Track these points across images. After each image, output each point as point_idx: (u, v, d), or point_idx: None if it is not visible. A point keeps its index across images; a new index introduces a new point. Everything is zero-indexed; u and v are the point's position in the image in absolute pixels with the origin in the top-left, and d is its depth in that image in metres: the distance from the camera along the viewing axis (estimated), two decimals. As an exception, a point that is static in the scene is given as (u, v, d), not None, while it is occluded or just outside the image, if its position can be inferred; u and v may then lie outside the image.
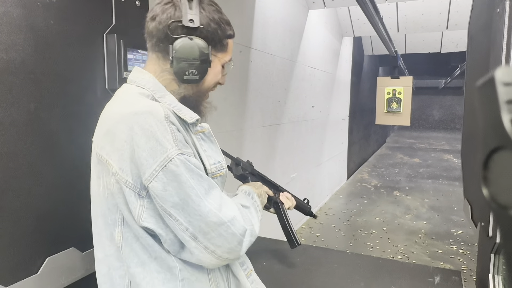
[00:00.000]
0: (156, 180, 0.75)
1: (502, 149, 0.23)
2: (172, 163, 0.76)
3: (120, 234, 0.84)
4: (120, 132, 0.79)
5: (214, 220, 0.79)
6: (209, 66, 0.89)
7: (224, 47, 0.93)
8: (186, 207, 0.77)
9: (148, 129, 0.77)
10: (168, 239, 0.82)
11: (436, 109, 17.65)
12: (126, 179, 0.78)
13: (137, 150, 0.76)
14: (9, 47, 1.02)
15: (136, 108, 0.80)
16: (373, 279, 1.25)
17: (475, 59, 1.57)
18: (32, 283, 1.10)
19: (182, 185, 0.76)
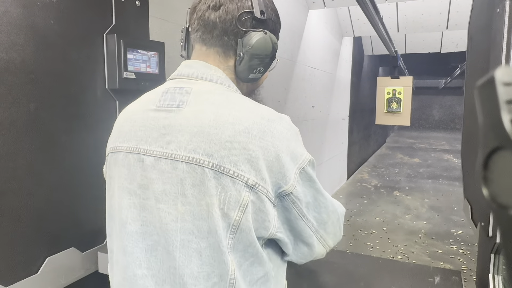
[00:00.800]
0: (298, 184, 0.71)
1: (502, 149, 0.23)
2: (308, 165, 0.73)
3: (233, 263, 0.68)
4: (258, 139, 0.67)
5: (331, 209, 0.79)
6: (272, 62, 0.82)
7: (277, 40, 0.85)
8: (315, 203, 0.75)
9: (287, 133, 0.71)
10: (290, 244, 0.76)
11: (436, 109, 17.65)
12: (267, 190, 0.68)
13: (281, 156, 0.68)
14: (9, 47, 1.02)
15: (265, 114, 0.71)
16: (373, 279, 1.25)
17: (475, 59, 1.57)
18: (32, 283, 1.10)
19: (313, 184, 0.74)
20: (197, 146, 0.67)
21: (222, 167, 0.66)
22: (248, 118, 0.68)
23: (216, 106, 0.70)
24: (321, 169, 5.26)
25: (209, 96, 0.72)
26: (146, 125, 0.73)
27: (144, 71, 1.41)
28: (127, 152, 0.74)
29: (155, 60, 1.46)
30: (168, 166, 0.69)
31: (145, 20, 1.50)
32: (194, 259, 0.68)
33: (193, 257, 0.68)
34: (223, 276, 0.68)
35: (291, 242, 0.76)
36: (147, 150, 0.71)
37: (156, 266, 0.71)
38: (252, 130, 0.67)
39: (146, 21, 1.50)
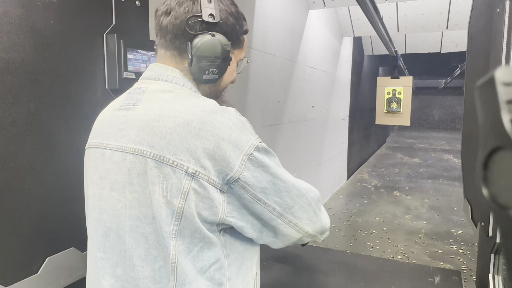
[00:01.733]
0: (245, 170, 0.73)
1: (502, 149, 0.23)
2: (256, 150, 0.75)
3: (175, 248, 0.73)
4: (197, 129, 0.71)
5: (296, 193, 0.80)
6: (228, 64, 0.84)
7: (240, 43, 0.88)
8: (274, 188, 0.77)
9: (228, 122, 0.74)
10: (250, 228, 0.79)
11: (436, 109, 17.66)
12: (209, 177, 0.71)
13: (222, 144, 0.71)
14: (9, 47, 1.02)
15: (207, 107, 0.75)
16: (373, 279, 1.25)
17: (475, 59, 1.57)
18: (32, 283, 1.10)
19: (268, 168, 0.76)
20: (142, 139, 0.74)
21: (162, 157, 0.72)
22: (189, 111, 0.74)
23: (163, 102, 0.77)
24: (321, 169, 5.26)
25: (159, 94, 0.79)
26: (110, 123, 0.82)
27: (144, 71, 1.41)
28: (95, 147, 0.84)
29: (155, 60, 1.46)
30: (119, 157, 0.77)
31: (145, 20, 1.50)
32: (141, 243, 0.75)
33: (141, 241, 0.75)
34: (167, 260, 0.74)
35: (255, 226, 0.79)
36: (107, 144, 0.80)
37: (110, 250, 0.80)
38: (192, 122, 0.72)
39: (146, 21, 1.50)
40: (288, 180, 0.80)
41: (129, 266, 0.77)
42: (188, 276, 0.74)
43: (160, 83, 0.82)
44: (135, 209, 0.75)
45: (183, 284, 0.74)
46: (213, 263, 0.77)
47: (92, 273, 0.86)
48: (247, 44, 0.94)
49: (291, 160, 4.07)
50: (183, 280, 0.74)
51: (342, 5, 4.46)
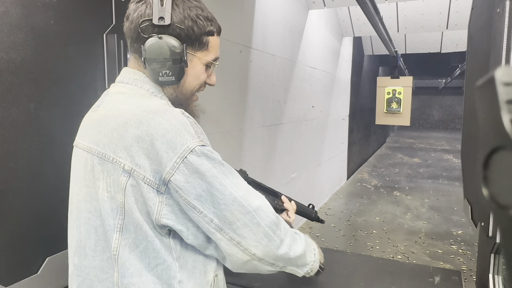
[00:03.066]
0: (178, 173, 0.72)
1: (502, 149, 0.23)
2: (193, 154, 0.72)
3: (118, 241, 0.77)
4: (134, 128, 0.74)
5: (238, 208, 0.76)
6: (185, 66, 0.83)
7: (203, 45, 0.86)
8: (210, 198, 0.74)
9: (167, 122, 0.73)
10: (191, 234, 0.77)
11: (436, 109, 17.65)
12: (144, 175, 0.73)
13: (155, 144, 0.72)
14: (9, 47, 1.02)
15: (149, 107, 0.77)
16: (373, 279, 1.25)
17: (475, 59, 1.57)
18: (32, 283, 1.10)
19: (204, 175, 0.73)
20: (92, 137, 0.81)
21: (104, 154, 0.77)
22: (130, 111, 0.77)
23: (113, 103, 0.82)
24: (321, 169, 5.26)
25: (116, 96, 0.85)
26: (84, 123, 0.89)
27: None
28: (75, 145, 0.89)
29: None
30: (79, 155, 0.84)
31: (145, 20, 1.49)
32: (92, 235, 0.80)
33: (91, 233, 0.80)
34: (111, 252, 0.78)
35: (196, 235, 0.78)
36: (78, 143, 0.87)
37: (74, 239, 0.85)
38: (130, 121, 0.75)
39: (146, 21, 1.50)
40: (229, 193, 0.75)
41: (83, 255, 0.82)
42: (130, 269, 0.77)
43: (121, 86, 0.87)
44: (88, 203, 0.80)
45: (124, 277, 0.77)
46: (160, 264, 0.78)
47: None
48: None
49: (291, 160, 4.07)
50: (124, 273, 0.77)
51: (342, 5, 4.46)
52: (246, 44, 2.88)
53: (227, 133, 2.67)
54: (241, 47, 2.81)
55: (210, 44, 0.87)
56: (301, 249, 0.88)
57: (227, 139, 2.66)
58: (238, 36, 2.75)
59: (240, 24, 2.78)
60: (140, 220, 0.75)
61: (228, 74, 2.63)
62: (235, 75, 2.75)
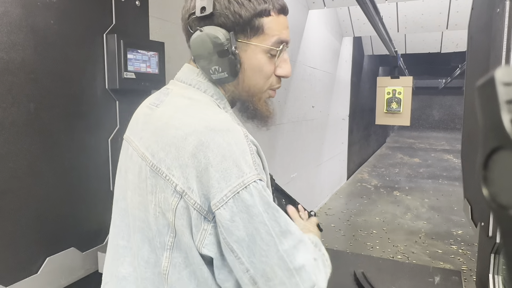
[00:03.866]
0: (225, 208, 0.63)
1: (502, 149, 0.23)
2: (247, 191, 0.63)
3: (168, 260, 0.70)
4: (192, 147, 0.65)
5: (279, 264, 0.65)
6: (234, 58, 0.72)
7: (257, 29, 0.73)
8: (253, 245, 0.64)
9: (226, 147, 0.64)
10: (224, 273, 0.69)
11: (436, 109, 17.65)
12: (195, 200, 0.65)
13: (210, 170, 0.64)
14: (9, 47, 1.02)
15: (212, 123, 0.67)
16: (373, 279, 1.25)
17: (475, 59, 1.57)
18: (32, 283, 1.10)
19: (253, 218, 0.64)
20: (149, 145, 0.72)
21: (158, 168, 0.69)
22: (191, 125, 0.68)
23: (175, 110, 0.72)
24: (321, 169, 5.26)
25: (178, 99, 0.75)
26: (138, 119, 0.80)
27: (144, 71, 1.41)
28: (125, 140, 0.83)
29: (155, 60, 1.46)
30: (135, 158, 0.76)
31: (145, 20, 1.50)
32: (145, 245, 0.73)
33: (145, 243, 0.73)
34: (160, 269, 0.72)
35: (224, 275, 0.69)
36: (131, 141, 0.79)
37: (131, 241, 0.78)
38: (189, 137, 0.66)
39: (146, 21, 1.50)
40: (274, 244, 0.64)
41: (137, 265, 0.76)
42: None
43: (184, 87, 0.78)
44: (142, 212, 0.73)
45: None
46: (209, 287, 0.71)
47: (111, 258, 0.83)
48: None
49: (291, 160, 4.07)
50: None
51: (342, 5, 4.46)
52: (246, 44, 2.88)
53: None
54: (241, 47, 2.81)
55: (266, 26, 0.73)
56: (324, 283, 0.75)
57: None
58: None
59: (240, 24, 2.78)
60: (190, 243, 0.68)
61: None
62: (235, 75, 2.75)
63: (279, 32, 0.74)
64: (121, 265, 0.80)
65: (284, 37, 0.75)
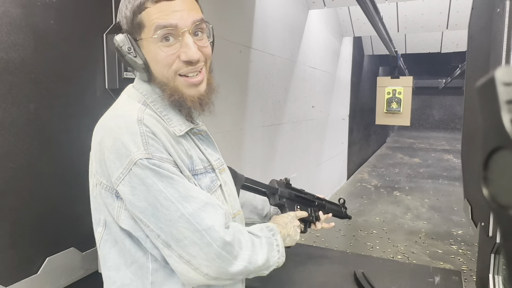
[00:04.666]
0: (123, 184, 0.71)
1: (502, 149, 0.23)
2: (137, 166, 0.70)
3: (100, 235, 0.82)
4: (96, 134, 0.77)
5: (186, 226, 0.71)
6: (134, 56, 0.77)
7: (139, 25, 0.76)
8: (156, 212, 0.71)
9: (117, 131, 0.72)
10: (148, 243, 0.76)
11: (436, 109, 17.66)
12: (101, 181, 0.76)
13: (105, 152, 0.73)
14: (9, 47, 1.02)
15: (116, 111, 0.79)
16: (373, 279, 1.25)
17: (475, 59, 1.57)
18: (32, 283, 1.10)
19: (149, 188, 0.71)
20: None
21: (90, 155, 0.81)
22: (103, 117, 0.80)
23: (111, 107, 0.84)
24: (321, 169, 5.26)
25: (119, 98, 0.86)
26: None
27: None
28: None
29: (155, 60, 1.45)
30: None
31: (145, 20, 1.49)
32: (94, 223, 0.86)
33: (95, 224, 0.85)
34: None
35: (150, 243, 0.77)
36: None
37: None
38: (97, 127, 0.78)
39: (146, 21, 1.50)
40: (175, 208, 0.71)
41: None
42: (108, 263, 0.81)
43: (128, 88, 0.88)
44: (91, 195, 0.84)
45: (103, 269, 0.83)
46: (134, 262, 0.79)
47: None
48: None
49: (291, 160, 4.07)
50: (103, 265, 0.82)
51: (342, 5, 4.46)
52: (246, 44, 2.88)
53: (227, 133, 2.66)
54: (241, 47, 2.81)
55: (145, 19, 0.75)
56: (262, 257, 0.82)
57: (227, 139, 2.66)
58: (238, 36, 2.75)
59: (240, 24, 2.78)
60: (113, 219, 0.78)
61: (228, 74, 2.63)
62: (235, 75, 2.75)
63: (159, 19, 0.74)
64: None
65: (166, 21, 0.74)
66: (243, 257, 0.77)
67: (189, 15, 0.76)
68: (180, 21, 0.75)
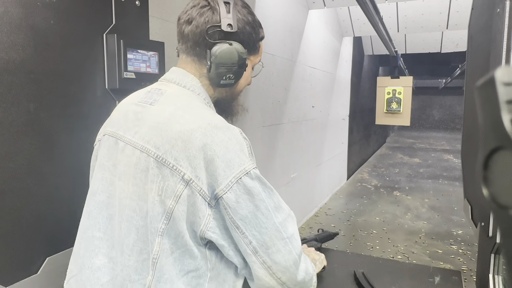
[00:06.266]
0: (231, 192, 0.75)
1: (502, 149, 0.23)
2: (248, 176, 0.76)
3: (159, 246, 0.78)
4: (198, 141, 0.76)
5: (276, 234, 0.78)
6: (244, 70, 0.91)
7: (256, 49, 0.94)
8: (254, 220, 0.77)
9: (228, 142, 0.77)
10: (231, 250, 0.80)
11: (436, 109, 17.66)
12: (201, 187, 0.76)
13: (216, 161, 0.75)
14: (9, 47, 1.02)
15: (213, 121, 0.80)
16: (373, 279, 1.25)
17: (475, 59, 1.57)
18: (32, 283, 1.10)
19: (254, 197, 0.77)
20: (150, 138, 0.80)
21: (164, 159, 0.77)
22: (195, 122, 0.79)
23: (175, 108, 0.82)
24: (321, 169, 5.26)
25: (175, 99, 0.85)
26: (127, 116, 0.87)
27: (144, 71, 1.41)
28: (109, 135, 0.88)
29: (155, 60, 1.46)
30: (130, 151, 0.82)
31: (145, 20, 1.50)
32: (132, 234, 0.80)
33: (132, 232, 0.80)
34: (149, 255, 0.79)
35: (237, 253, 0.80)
36: (121, 136, 0.85)
37: (110, 233, 0.85)
38: (195, 132, 0.77)
39: (146, 21, 1.50)
40: (271, 217, 0.78)
41: (119, 251, 0.82)
42: (165, 275, 0.78)
43: (178, 88, 0.88)
44: (134, 201, 0.80)
45: (159, 281, 0.78)
46: (192, 271, 0.79)
47: (83, 250, 0.88)
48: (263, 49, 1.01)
49: (291, 160, 4.07)
50: (160, 277, 0.78)
51: (342, 5, 4.46)
52: (246, 44, 2.88)
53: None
54: (241, 47, 2.81)
55: (260, 48, 0.95)
56: (312, 270, 0.89)
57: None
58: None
59: (240, 24, 2.78)
60: (183, 229, 0.77)
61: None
62: (235, 75, 2.75)
63: (262, 53, 0.97)
64: (95, 256, 0.85)
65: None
66: (304, 268, 0.84)
67: None
68: None
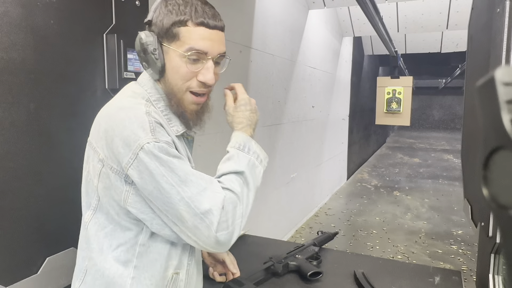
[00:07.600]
0: (132, 168, 0.77)
1: (502, 149, 0.23)
2: (143, 151, 0.76)
3: (89, 218, 0.87)
4: (104, 122, 0.82)
5: (186, 209, 0.77)
6: (156, 58, 0.84)
7: (174, 36, 0.84)
8: (160, 195, 0.77)
9: (126, 120, 0.79)
10: (156, 225, 0.82)
11: (436, 109, 17.67)
12: (112, 165, 0.81)
13: (115, 139, 0.79)
14: (9, 47, 1.02)
15: (122, 104, 0.85)
16: (373, 279, 1.25)
17: (475, 59, 1.57)
18: (32, 283, 1.10)
19: (152, 173, 0.77)
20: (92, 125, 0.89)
21: (90, 141, 0.87)
22: (108, 106, 0.86)
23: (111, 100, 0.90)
24: (321, 169, 5.26)
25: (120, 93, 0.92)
26: None
27: (144, 71, 1.41)
28: None
29: (155, 60, 1.45)
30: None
31: (145, 20, 1.49)
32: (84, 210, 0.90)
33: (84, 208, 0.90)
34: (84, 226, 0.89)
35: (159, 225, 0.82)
36: None
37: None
38: (105, 116, 0.84)
39: (146, 21, 1.50)
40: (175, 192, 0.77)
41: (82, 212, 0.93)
42: (93, 245, 0.85)
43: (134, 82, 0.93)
44: (83, 186, 0.90)
45: (84, 249, 0.88)
46: (122, 244, 0.84)
47: None
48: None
49: (291, 160, 4.07)
50: (87, 246, 0.87)
51: (342, 5, 4.46)
52: (246, 44, 2.88)
53: (227, 133, 2.66)
54: (241, 47, 2.81)
55: (181, 34, 0.84)
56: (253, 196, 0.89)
57: (227, 139, 2.66)
58: (238, 36, 2.75)
59: (240, 24, 2.78)
60: (108, 205, 0.84)
61: (228, 74, 2.63)
62: (235, 75, 2.75)
63: (193, 41, 0.84)
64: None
65: (199, 46, 0.84)
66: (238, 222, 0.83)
67: (218, 47, 0.88)
68: (211, 50, 0.86)
